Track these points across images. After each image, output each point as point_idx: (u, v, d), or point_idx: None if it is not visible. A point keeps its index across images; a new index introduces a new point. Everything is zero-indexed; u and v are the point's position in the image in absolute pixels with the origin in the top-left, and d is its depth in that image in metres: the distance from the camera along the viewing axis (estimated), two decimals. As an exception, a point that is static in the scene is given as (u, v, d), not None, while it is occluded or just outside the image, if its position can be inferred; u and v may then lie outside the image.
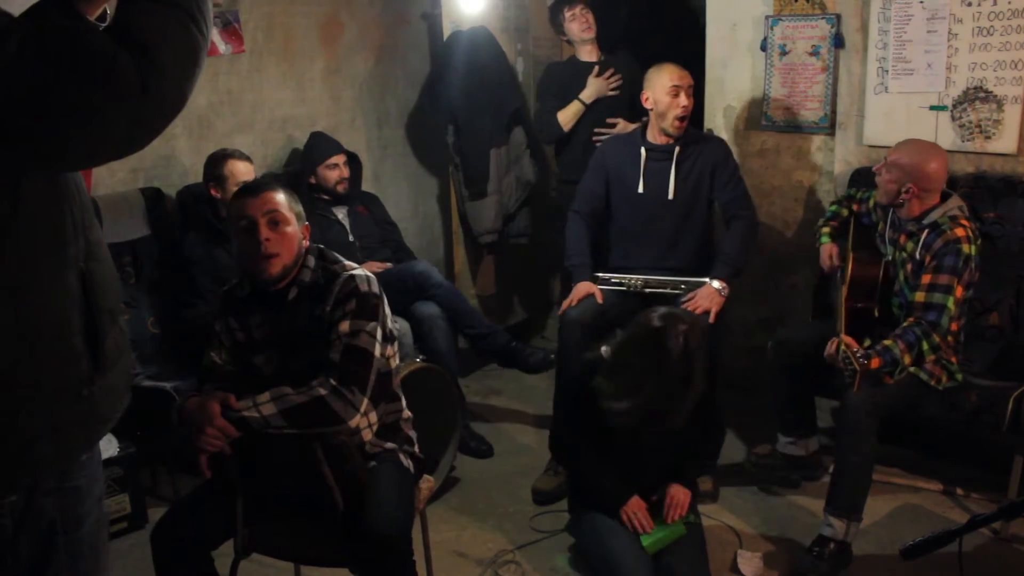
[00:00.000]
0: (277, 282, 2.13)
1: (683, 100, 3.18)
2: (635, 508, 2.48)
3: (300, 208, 2.19)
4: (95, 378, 1.29)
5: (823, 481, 3.05)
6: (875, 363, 2.59)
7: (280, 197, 2.12)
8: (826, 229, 3.24)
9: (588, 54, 3.99)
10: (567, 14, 3.93)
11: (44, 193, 1.23)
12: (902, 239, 2.88)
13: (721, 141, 3.41)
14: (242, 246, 2.11)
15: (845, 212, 3.25)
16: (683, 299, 3.10)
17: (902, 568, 2.62)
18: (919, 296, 2.71)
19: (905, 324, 2.69)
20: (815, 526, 2.77)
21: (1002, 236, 3.15)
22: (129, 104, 1.15)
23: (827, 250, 3.17)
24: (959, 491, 3.12)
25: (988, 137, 3.26)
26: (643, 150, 3.29)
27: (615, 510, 2.49)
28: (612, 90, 3.89)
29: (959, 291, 2.69)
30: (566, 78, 3.99)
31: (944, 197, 2.84)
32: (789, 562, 2.75)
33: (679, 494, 2.52)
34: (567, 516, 2.87)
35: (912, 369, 2.77)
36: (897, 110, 3.42)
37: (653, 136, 3.30)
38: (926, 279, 2.71)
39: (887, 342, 2.64)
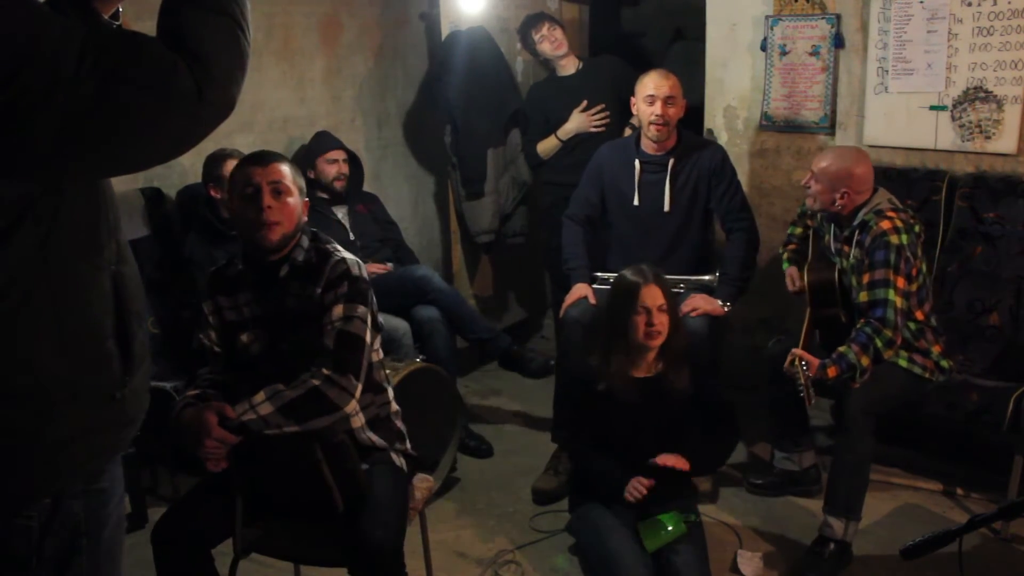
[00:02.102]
0: (275, 251, 2.15)
1: (657, 109, 3.14)
2: (636, 482, 2.44)
3: (303, 182, 2.22)
4: (126, 381, 1.30)
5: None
6: (832, 372, 2.61)
7: (285, 168, 2.16)
8: (786, 254, 3.27)
9: (566, 68, 4.02)
10: (535, 36, 3.96)
11: (84, 197, 1.24)
12: (845, 248, 2.89)
13: (717, 147, 3.36)
14: (243, 212, 2.13)
15: (800, 230, 3.27)
16: (683, 302, 3.09)
17: (902, 568, 2.62)
18: (863, 297, 2.74)
19: (857, 326, 2.72)
20: (815, 526, 2.77)
21: (1002, 236, 3.15)
22: (185, 111, 1.17)
23: (789, 273, 3.21)
24: (959, 491, 3.11)
25: (988, 137, 3.26)
26: (637, 162, 3.27)
27: (619, 493, 2.47)
28: (595, 126, 3.91)
29: (900, 282, 2.70)
30: (548, 98, 4.02)
31: (872, 194, 2.85)
32: (789, 562, 2.75)
33: (671, 458, 2.47)
34: (567, 516, 2.87)
35: (904, 364, 2.78)
36: (897, 110, 3.42)
37: (646, 145, 3.28)
38: (865, 278, 2.74)
39: (842, 349, 2.65)
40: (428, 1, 4.36)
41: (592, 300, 3.18)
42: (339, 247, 2.24)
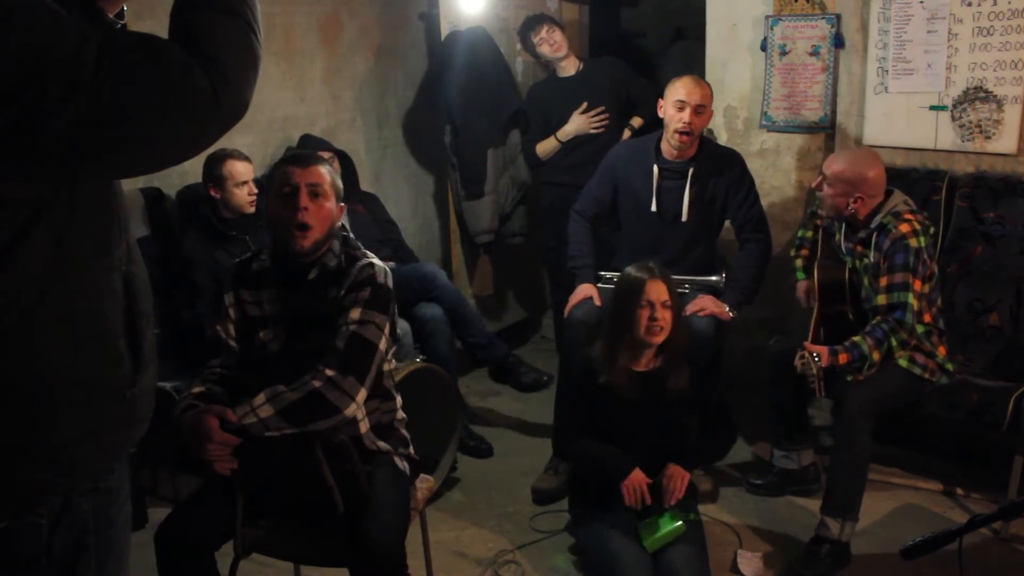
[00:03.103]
0: (306, 256, 2.13)
1: (685, 116, 3.08)
2: (637, 481, 2.47)
3: (341, 187, 2.22)
4: (136, 380, 1.30)
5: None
6: (843, 358, 2.66)
7: (325, 172, 2.16)
8: (799, 262, 3.28)
9: (566, 69, 4.02)
10: (535, 38, 3.96)
11: (97, 196, 1.24)
12: (858, 248, 2.89)
13: (736, 157, 3.31)
14: (278, 212, 2.12)
15: (810, 233, 3.27)
16: (689, 303, 3.08)
17: (902, 568, 2.61)
18: (881, 299, 2.75)
19: (873, 322, 2.74)
20: (815, 526, 2.76)
21: (1002, 236, 3.15)
22: (200, 113, 1.17)
23: (802, 287, 3.23)
24: (959, 491, 3.12)
25: (988, 137, 3.26)
26: (656, 168, 3.22)
27: (617, 483, 2.48)
28: (595, 128, 3.91)
29: (917, 285, 2.72)
30: (548, 98, 4.02)
31: (887, 195, 2.85)
32: (789, 562, 2.75)
33: (678, 474, 2.50)
34: (567, 516, 2.88)
35: (904, 364, 2.79)
36: (897, 110, 3.43)
37: (666, 151, 3.22)
38: (883, 281, 2.75)
39: (856, 339, 2.69)
40: (428, 1, 4.36)
41: (597, 301, 3.17)
42: (368, 252, 2.23)
